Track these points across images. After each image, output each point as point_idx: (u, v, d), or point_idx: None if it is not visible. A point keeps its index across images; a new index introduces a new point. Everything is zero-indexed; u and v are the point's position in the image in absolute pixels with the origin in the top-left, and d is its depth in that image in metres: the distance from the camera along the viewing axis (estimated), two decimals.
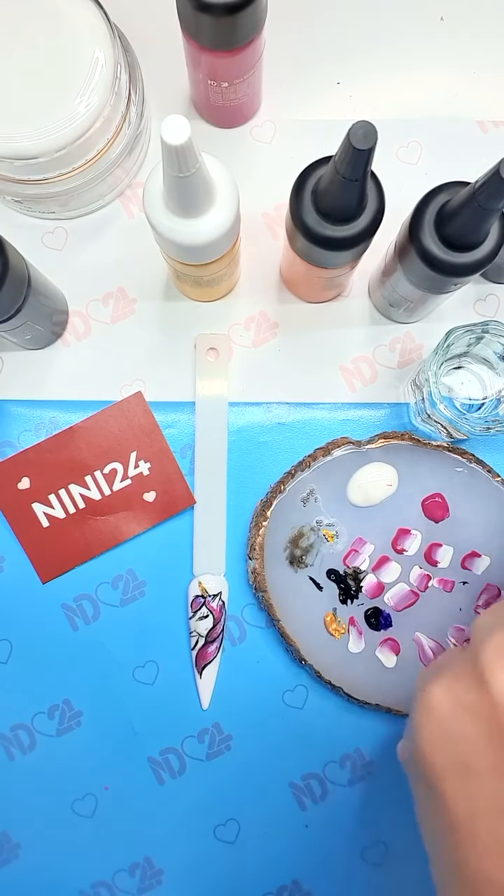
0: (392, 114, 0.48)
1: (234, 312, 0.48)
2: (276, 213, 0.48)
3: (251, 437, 0.47)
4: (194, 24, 0.37)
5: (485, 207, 0.32)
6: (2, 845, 0.46)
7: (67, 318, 0.47)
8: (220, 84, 0.42)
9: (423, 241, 0.36)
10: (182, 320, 0.47)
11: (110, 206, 0.48)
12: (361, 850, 0.45)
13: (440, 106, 0.48)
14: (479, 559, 0.45)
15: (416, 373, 0.46)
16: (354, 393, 0.47)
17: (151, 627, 0.46)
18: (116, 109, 0.41)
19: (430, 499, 0.45)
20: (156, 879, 0.45)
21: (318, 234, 0.35)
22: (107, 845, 0.45)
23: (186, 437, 0.46)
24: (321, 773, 0.46)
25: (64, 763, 0.46)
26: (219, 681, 0.45)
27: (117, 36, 0.40)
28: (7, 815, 0.46)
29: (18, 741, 0.46)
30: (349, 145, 0.29)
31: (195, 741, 0.45)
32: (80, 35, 0.39)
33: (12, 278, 0.37)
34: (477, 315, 0.48)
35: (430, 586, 0.45)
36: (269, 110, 0.48)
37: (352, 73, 0.48)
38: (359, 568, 0.45)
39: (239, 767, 0.45)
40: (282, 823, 0.45)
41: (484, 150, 0.48)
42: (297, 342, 0.48)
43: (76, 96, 0.39)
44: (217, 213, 0.34)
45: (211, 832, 0.45)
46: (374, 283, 0.46)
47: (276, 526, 0.45)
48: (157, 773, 0.45)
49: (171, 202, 0.33)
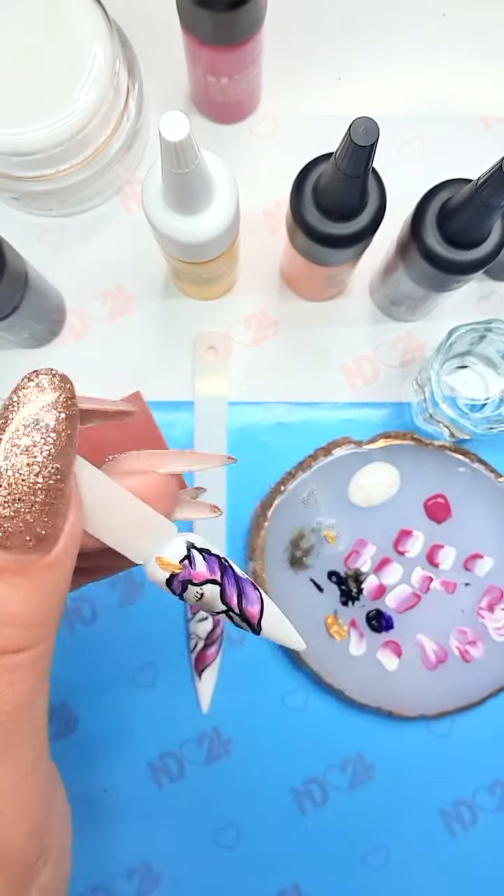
0: (394, 110, 0.48)
1: (234, 310, 0.47)
2: (277, 210, 0.47)
3: (251, 437, 0.46)
4: (194, 20, 0.36)
5: (487, 204, 0.32)
6: None
7: (65, 317, 0.47)
8: (220, 80, 0.42)
9: (425, 238, 0.36)
10: (181, 318, 0.47)
11: (108, 202, 0.47)
12: (362, 854, 0.45)
13: (442, 102, 0.48)
14: (482, 560, 0.45)
15: (418, 372, 0.45)
16: (356, 392, 0.47)
17: (150, 630, 0.45)
18: (115, 105, 0.41)
19: (432, 499, 0.45)
20: (154, 884, 0.45)
21: (318, 231, 0.35)
22: (105, 850, 0.45)
23: (185, 437, 0.46)
24: (322, 777, 0.45)
25: (61, 768, 0.45)
26: (218, 684, 0.45)
27: (115, 31, 0.40)
28: None
29: None
30: (350, 141, 0.28)
31: (194, 745, 0.45)
32: (78, 30, 0.39)
33: (9, 276, 0.36)
34: (480, 313, 0.47)
35: (432, 588, 0.45)
36: (269, 106, 0.48)
37: (353, 69, 0.48)
38: (360, 569, 0.45)
39: (239, 771, 0.45)
40: (282, 828, 0.45)
41: (486, 147, 0.48)
42: (298, 341, 0.47)
43: (74, 92, 0.39)
44: (216, 210, 0.34)
45: (210, 837, 0.45)
46: (376, 280, 0.46)
47: (276, 527, 0.44)
48: (156, 778, 0.45)
49: (170, 199, 0.33)
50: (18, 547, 0.16)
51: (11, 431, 0.16)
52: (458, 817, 0.45)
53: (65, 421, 0.16)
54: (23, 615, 0.17)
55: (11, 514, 0.16)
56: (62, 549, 0.17)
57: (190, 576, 0.21)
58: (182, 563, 0.21)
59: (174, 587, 0.21)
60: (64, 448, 0.16)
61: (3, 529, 0.16)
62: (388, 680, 0.44)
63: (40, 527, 0.16)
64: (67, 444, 0.16)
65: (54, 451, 0.16)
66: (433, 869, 0.45)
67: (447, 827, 0.45)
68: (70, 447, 0.17)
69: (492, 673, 0.44)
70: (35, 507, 0.16)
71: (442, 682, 0.44)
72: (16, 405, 0.16)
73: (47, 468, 0.16)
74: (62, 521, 0.17)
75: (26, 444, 0.16)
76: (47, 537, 0.17)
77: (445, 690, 0.44)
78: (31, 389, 0.16)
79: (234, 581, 0.21)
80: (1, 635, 0.16)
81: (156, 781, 0.45)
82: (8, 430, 0.16)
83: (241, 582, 0.21)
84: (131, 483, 0.20)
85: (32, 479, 0.16)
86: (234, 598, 0.21)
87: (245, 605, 0.21)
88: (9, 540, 0.16)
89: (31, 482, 0.16)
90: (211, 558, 0.21)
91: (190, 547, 0.21)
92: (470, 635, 0.45)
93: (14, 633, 0.17)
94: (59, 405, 0.16)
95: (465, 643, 0.45)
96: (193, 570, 0.21)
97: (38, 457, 0.16)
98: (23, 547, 0.16)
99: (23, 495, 0.16)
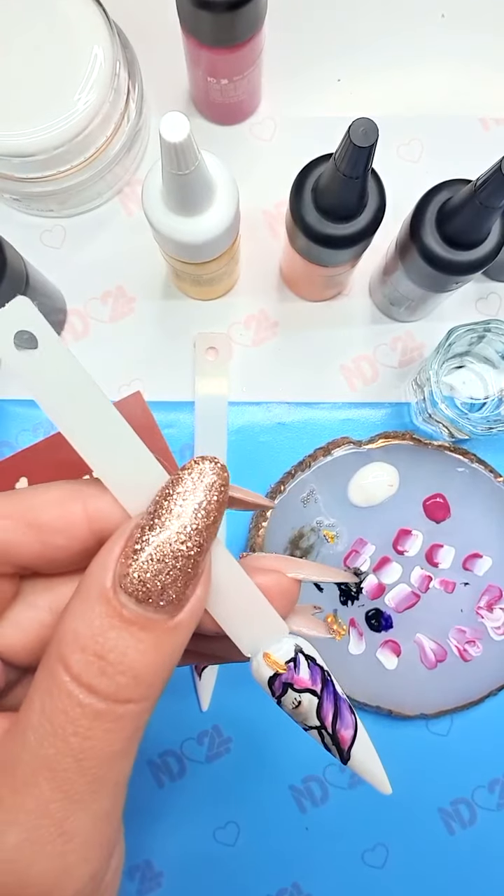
0: (393, 111, 0.48)
1: (234, 311, 0.47)
2: (277, 211, 0.48)
3: (251, 437, 0.46)
4: (194, 21, 0.37)
5: (486, 205, 0.32)
6: None
7: (66, 317, 0.47)
8: (220, 81, 0.42)
9: (424, 239, 0.36)
10: (181, 319, 0.47)
11: (109, 203, 0.47)
12: (362, 852, 0.45)
13: (441, 103, 0.48)
14: (481, 560, 0.45)
15: (417, 372, 0.45)
16: (355, 392, 0.47)
17: None
18: (115, 106, 0.41)
19: (431, 499, 0.45)
20: (155, 882, 0.45)
21: (318, 232, 0.35)
22: None
23: (186, 437, 0.46)
24: (321, 775, 0.45)
25: None
26: (218, 683, 0.45)
27: (116, 32, 0.40)
28: None
29: None
30: (350, 142, 0.28)
31: (194, 743, 0.45)
32: (79, 32, 0.39)
33: (10, 277, 0.36)
34: (478, 314, 0.48)
35: (431, 587, 0.45)
36: (269, 107, 0.48)
37: (352, 70, 0.48)
38: (359, 569, 0.45)
39: (239, 770, 0.45)
40: (282, 826, 0.45)
41: (485, 148, 0.48)
42: (298, 341, 0.47)
43: (75, 93, 0.39)
44: (216, 211, 0.34)
45: (211, 835, 0.45)
46: (375, 281, 0.46)
47: (275, 526, 0.44)
48: (156, 776, 0.45)
49: (170, 200, 0.33)
50: (151, 604, 0.17)
51: (173, 502, 0.18)
52: (457, 816, 0.45)
53: (216, 503, 0.18)
54: (139, 669, 0.17)
55: (154, 573, 0.17)
56: (187, 615, 0.18)
57: (292, 679, 0.21)
58: (287, 664, 0.21)
59: (275, 687, 0.21)
60: (210, 527, 0.18)
61: (144, 585, 0.17)
62: (387, 679, 0.44)
63: (174, 591, 0.18)
64: (213, 523, 0.18)
65: (202, 526, 0.18)
66: (432, 867, 0.45)
67: (446, 825, 0.45)
68: (214, 527, 0.18)
69: (490, 672, 0.45)
70: (174, 571, 0.18)
71: (441, 682, 0.44)
72: (180, 481, 0.18)
73: (193, 539, 0.18)
74: (192, 591, 0.18)
75: (182, 517, 0.18)
76: (176, 602, 0.18)
77: (444, 689, 0.44)
78: (196, 470, 0.19)
79: (332, 697, 0.21)
80: (114, 682, 0.17)
81: (156, 780, 0.45)
82: (171, 499, 0.18)
83: (339, 701, 0.21)
84: (260, 579, 0.21)
85: (178, 546, 0.18)
86: (329, 715, 0.21)
87: (339, 726, 0.21)
88: (144, 597, 0.17)
89: (177, 549, 0.18)
90: (315, 668, 0.21)
91: (298, 651, 0.21)
92: (469, 634, 0.45)
93: (127, 684, 0.17)
94: (215, 489, 0.18)
95: (463, 642, 0.45)
96: (297, 675, 0.21)
97: (188, 528, 0.18)
98: (155, 605, 0.17)
99: (167, 558, 0.18)
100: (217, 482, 0.19)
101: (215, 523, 0.18)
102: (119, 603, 0.17)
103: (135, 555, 0.18)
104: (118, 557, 0.18)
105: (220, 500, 0.18)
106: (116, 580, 0.17)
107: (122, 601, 0.17)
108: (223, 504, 0.19)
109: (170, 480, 0.19)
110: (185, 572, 0.18)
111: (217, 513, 0.18)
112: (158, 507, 0.18)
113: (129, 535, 0.18)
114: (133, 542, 0.18)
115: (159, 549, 0.18)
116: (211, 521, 0.18)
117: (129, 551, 0.18)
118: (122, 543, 0.18)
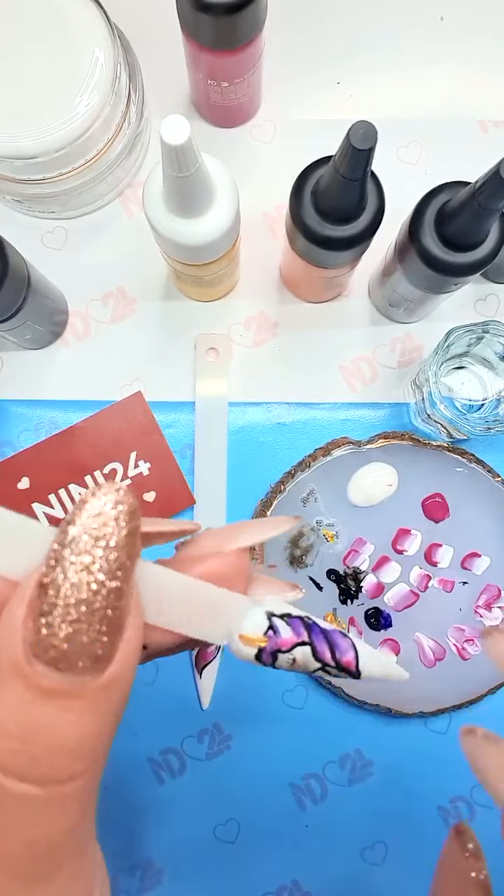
0: (392, 113, 0.48)
1: (234, 312, 0.48)
2: (276, 213, 0.48)
3: (251, 437, 0.47)
4: (194, 24, 0.37)
5: (485, 207, 0.32)
6: None
7: (67, 318, 0.47)
8: (220, 84, 0.42)
9: (423, 240, 0.36)
10: (182, 320, 0.47)
11: (110, 205, 0.48)
12: (361, 850, 0.45)
13: (440, 106, 0.48)
14: (479, 559, 0.45)
15: (416, 373, 0.46)
16: (354, 393, 0.47)
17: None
18: (116, 109, 0.41)
19: (430, 499, 0.45)
20: (156, 879, 0.45)
21: (317, 233, 0.35)
22: (106, 845, 0.45)
23: (186, 437, 0.46)
24: (321, 773, 0.45)
25: None
26: (219, 681, 0.45)
27: (117, 35, 0.40)
28: None
29: None
30: (349, 145, 0.29)
31: (195, 741, 0.45)
32: (80, 34, 0.39)
33: (12, 278, 0.37)
34: (477, 315, 0.48)
35: (430, 586, 0.45)
36: (269, 110, 0.48)
37: (352, 73, 0.48)
38: (359, 568, 0.45)
39: (239, 767, 0.45)
40: (282, 823, 0.45)
41: (484, 150, 0.48)
42: (298, 342, 0.48)
43: (76, 96, 0.39)
44: (217, 213, 0.34)
45: (211, 832, 0.45)
46: (374, 282, 0.46)
47: None
48: (157, 774, 0.45)
49: (170, 202, 0.33)
50: (72, 669, 0.15)
51: (71, 547, 0.15)
52: (455, 814, 0.46)
53: (125, 539, 0.16)
54: (76, 742, 0.15)
55: (68, 634, 0.15)
56: (119, 667, 0.16)
57: (277, 645, 0.20)
58: (266, 634, 0.20)
59: (264, 659, 0.20)
60: (124, 564, 0.16)
61: (58, 651, 0.15)
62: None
63: (99, 646, 0.15)
64: (128, 560, 0.16)
65: (114, 567, 0.15)
66: (431, 865, 0.45)
67: (445, 823, 0.45)
68: (131, 563, 0.16)
69: (489, 670, 0.45)
70: (92, 627, 0.15)
71: (440, 680, 0.45)
72: (76, 520, 0.16)
73: (106, 586, 0.15)
74: (119, 639, 0.16)
75: (85, 561, 0.15)
76: (102, 657, 0.15)
77: (443, 688, 0.45)
78: (92, 503, 0.16)
79: (322, 636, 0.20)
80: (50, 766, 0.15)
81: (157, 777, 0.45)
82: (68, 545, 0.15)
83: (329, 635, 0.20)
84: (202, 570, 0.20)
85: (91, 599, 0.15)
86: (326, 653, 0.20)
87: (339, 656, 0.20)
88: (63, 662, 0.15)
89: (90, 601, 0.15)
90: (294, 621, 0.20)
91: (270, 616, 0.20)
92: (468, 633, 0.45)
93: (64, 763, 0.15)
94: (120, 520, 0.16)
95: (462, 641, 0.45)
96: (280, 639, 0.20)
97: (97, 574, 0.15)
98: (76, 669, 0.15)
99: (81, 615, 0.15)
100: (123, 511, 0.16)
101: (131, 560, 0.16)
102: (36, 674, 0.15)
103: (42, 617, 0.15)
104: (23, 623, 0.15)
105: (131, 531, 0.16)
106: (28, 649, 0.15)
107: (38, 672, 0.15)
108: (135, 536, 0.16)
109: (64, 521, 0.16)
110: (106, 621, 0.15)
111: (129, 546, 0.16)
112: (56, 555, 0.15)
113: (30, 593, 0.15)
114: (38, 601, 0.15)
115: (69, 608, 0.15)
116: (125, 559, 0.16)
117: (34, 614, 0.15)
118: (24, 606, 0.15)
